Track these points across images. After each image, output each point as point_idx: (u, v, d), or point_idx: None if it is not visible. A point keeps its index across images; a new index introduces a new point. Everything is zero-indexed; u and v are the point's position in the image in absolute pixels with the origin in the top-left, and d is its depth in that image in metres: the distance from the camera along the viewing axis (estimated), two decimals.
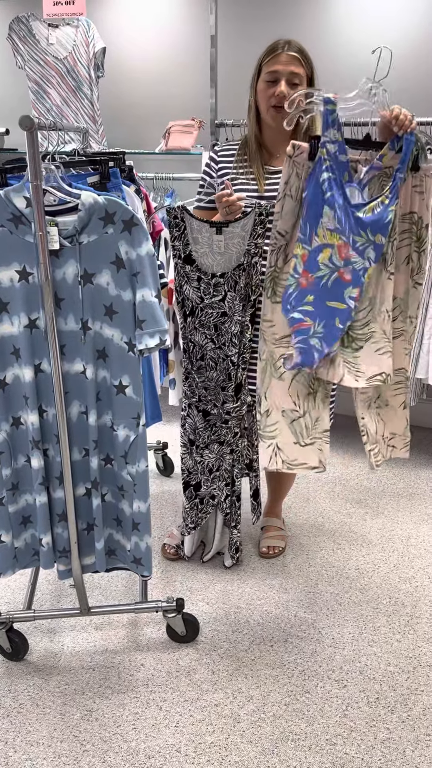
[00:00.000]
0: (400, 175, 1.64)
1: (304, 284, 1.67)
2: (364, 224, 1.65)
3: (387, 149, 1.66)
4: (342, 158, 1.64)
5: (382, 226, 1.64)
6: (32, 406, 1.65)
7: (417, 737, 1.66)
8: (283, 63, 1.87)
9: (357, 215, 1.65)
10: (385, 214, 1.64)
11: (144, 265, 1.56)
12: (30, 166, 1.42)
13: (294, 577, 2.27)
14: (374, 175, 1.67)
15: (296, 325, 1.71)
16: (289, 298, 1.70)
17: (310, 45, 3.05)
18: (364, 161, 1.68)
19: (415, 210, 1.72)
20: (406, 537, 2.50)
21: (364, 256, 1.66)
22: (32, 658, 1.92)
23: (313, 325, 1.69)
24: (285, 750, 1.63)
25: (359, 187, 1.67)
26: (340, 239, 1.64)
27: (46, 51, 3.31)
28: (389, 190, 1.65)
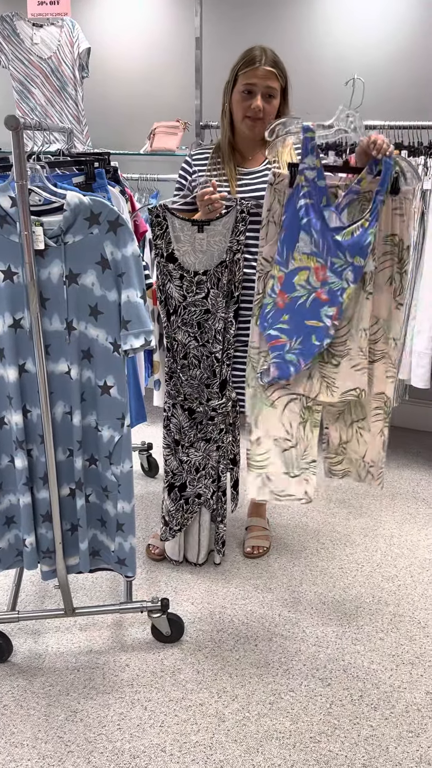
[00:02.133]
0: (380, 198, 1.69)
1: (281, 304, 1.75)
2: (342, 247, 1.71)
3: (365, 173, 1.70)
4: (320, 183, 1.69)
5: (361, 248, 1.70)
6: (16, 406, 1.64)
7: (400, 734, 1.68)
8: (260, 77, 1.92)
9: (335, 238, 1.71)
10: (365, 236, 1.70)
11: (129, 266, 1.57)
12: (15, 165, 1.42)
13: (278, 576, 2.28)
14: (353, 198, 1.73)
15: (272, 341, 1.79)
16: (267, 316, 1.79)
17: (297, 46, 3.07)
18: (344, 186, 1.73)
19: (396, 232, 1.77)
20: (389, 536, 2.53)
21: (342, 277, 1.72)
22: (16, 659, 1.91)
23: (290, 342, 1.77)
24: (269, 748, 1.64)
25: (337, 211, 1.72)
26: (317, 262, 1.71)
27: (30, 51, 3.30)
28: (369, 213, 1.70)
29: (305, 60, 3.20)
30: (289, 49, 3.19)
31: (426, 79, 3.06)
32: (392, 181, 1.69)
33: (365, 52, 3.12)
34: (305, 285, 1.73)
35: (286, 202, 1.70)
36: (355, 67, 3.14)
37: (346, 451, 1.99)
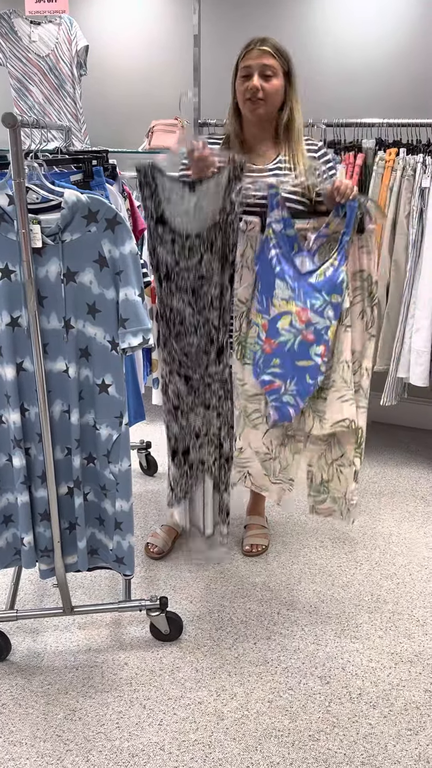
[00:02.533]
0: (346, 238, 1.80)
1: (269, 350, 1.83)
2: (317, 288, 1.81)
3: (332, 217, 1.81)
4: (290, 233, 1.80)
5: (335, 286, 1.80)
6: (14, 405, 1.64)
7: (398, 732, 1.68)
8: (254, 57, 1.91)
9: (310, 281, 1.82)
10: (336, 274, 1.80)
11: (127, 264, 1.56)
12: (13, 163, 1.42)
13: (277, 575, 2.28)
14: (323, 242, 1.83)
15: (267, 386, 1.86)
16: (258, 362, 1.86)
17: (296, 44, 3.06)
18: (312, 229, 1.83)
19: (364, 268, 1.86)
20: (388, 534, 2.53)
21: (324, 316, 1.82)
22: (15, 658, 1.91)
23: (284, 385, 1.85)
24: (268, 746, 1.64)
25: (309, 255, 1.83)
26: (297, 305, 1.79)
27: (28, 48, 3.29)
28: (337, 252, 1.81)
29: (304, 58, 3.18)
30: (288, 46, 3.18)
31: (424, 77, 3.05)
32: (357, 221, 1.80)
33: (364, 50, 3.12)
34: (290, 329, 1.82)
35: (258, 253, 1.80)
36: (354, 64, 3.13)
37: (329, 490, 2.07)
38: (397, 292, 2.76)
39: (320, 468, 2.05)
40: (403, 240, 2.69)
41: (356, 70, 3.14)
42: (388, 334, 2.81)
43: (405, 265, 2.71)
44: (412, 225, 2.65)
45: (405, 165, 2.63)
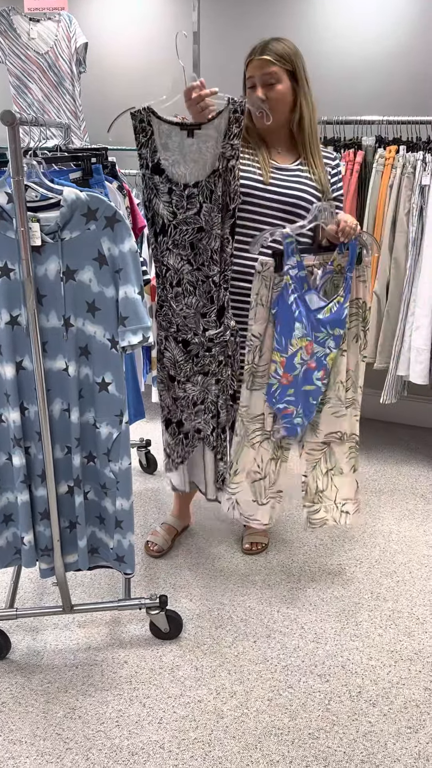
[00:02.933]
0: (350, 274, 1.91)
1: (285, 382, 1.94)
2: (323, 323, 1.93)
3: (336, 254, 1.91)
4: (302, 274, 1.88)
5: (340, 321, 1.93)
6: (14, 404, 1.64)
7: (398, 730, 1.68)
8: (256, 68, 1.90)
9: (318, 317, 1.92)
10: (341, 311, 1.92)
11: (127, 262, 1.56)
12: (11, 161, 1.41)
13: (277, 573, 2.28)
14: (328, 278, 1.94)
15: (282, 412, 1.98)
16: (274, 393, 1.97)
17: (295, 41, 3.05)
18: (319, 265, 1.92)
19: (360, 296, 1.97)
20: (388, 532, 2.53)
21: (325, 346, 1.96)
22: (14, 656, 1.91)
23: (295, 410, 1.99)
24: (268, 744, 1.64)
25: (317, 292, 1.92)
26: (306, 340, 1.90)
27: (27, 45, 3.28)
28: (343, 290, 1.92)
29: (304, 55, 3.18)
30: None
31: (424, 74, 3.05)
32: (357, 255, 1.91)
33: (364, 47, 3.11)
34: (301, 362, 1.94)
35: (277, 297, 1.86)
36: (354, 62, 3.13)
37: (323, 499, 2.15)
38: (397, 290, 2.75)
39: (315, 478, 2.13)
40: (403, 238, 2.68)
41: (356, 67, 3.13)
42: (388, 331, 2.80)
43: (405, 263, 2.71)
44: (412, 223, 2.65)
45: (405, 162, 2.62)
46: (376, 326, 2.82)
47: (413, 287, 2.70)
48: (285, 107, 1.93)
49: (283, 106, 1.92)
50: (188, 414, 2.10)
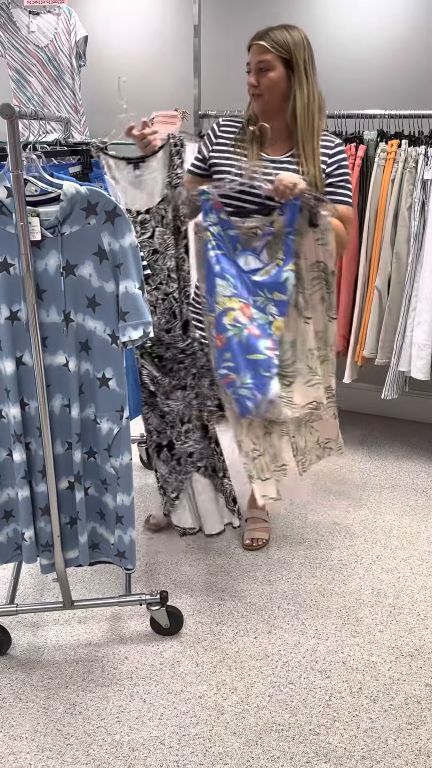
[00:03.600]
0: (291, 237, 1.85)
1: (219, 344, 1.89)
2: (261, 285, 1.88)
3: (276, 215, 1.86)
4: (231, 233, 1.86)
5: (278, 284, 1.86)
6: (14, 399, 1.63)
7: (399, 726, 1.68)
8: (253, 53, 1.91)
9: (253, 279, 1.88)
10: (280, 274, 1.86)
11: (127, 257, 1.55)
12: (10, 155, 1.40)
13: (277, 568, 2.28)
14: (269, 240, 1.88)
15: (224, 379, 1.91)
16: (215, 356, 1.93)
17: None
18: (262, 227, 1.87)
19: (321, 260, 1.91)
20: (389, 528, 2.52)
21: (266, 312, 1.88)
22: (15, 652, 1.91)
23: (238, 378, 1.88)
24: (268, 740, 1.64)
25: (255, 253, 1.89)
26: (240, 302, 1.85)
27: (26, 39, 3.26)
28: (283, 252, 1.87)
29: None
30: None
31: (427, 68, 3.03)
32: (308, 217, 1.84)
33: (366, 41, 3.09)
34: (235, 324, 1.85)
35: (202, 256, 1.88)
36: (356, 56, 3.11)
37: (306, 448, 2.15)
38: (398, 285, 2.74)
39: (302, 436, 2.11)
40: (404, 232, 2.67)
41: (358, 61, 3.11)
42: (390, 327, 2.79)
43: (407, 257, 2.69)
44: (413, 217, 2.63)
45: (407, 157, 2.61)
46: (377, 321, 2.81)
47: (415, 282, 2.69)
48: (276, 95, 1.91)
49: (274, 93, 1.91)
50: (177, 433, 2.13)
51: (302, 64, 1.89)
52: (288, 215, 1.82)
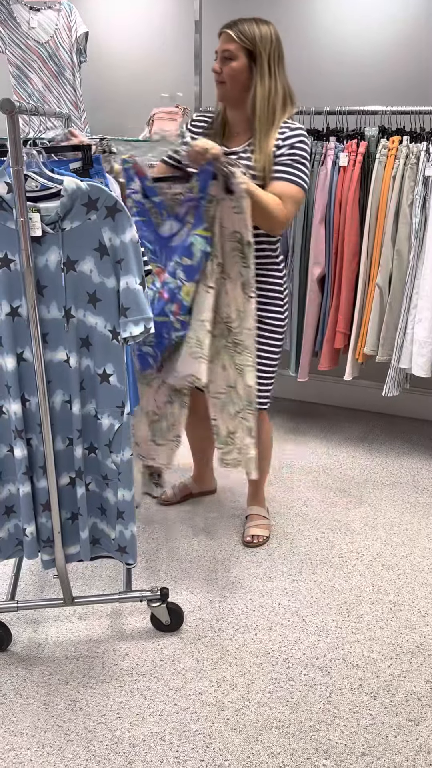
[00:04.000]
0: (203, 202, 1.88)
1: None
2: (174, 250, 1.93)
3: (194, 182, 1.87)
4: (156, 199, 1.90)
5: (185, 249, 1.90)
6: (14, 395, 1.63)
7: (399, 723, 1.68)
8: (220, 42, 1.97)
9: (169, 245, 1.93)
10: (187, 239, 1.89)
11: (128, 252, 1.55)
12: (11, 150, 1.40)
13: (278, 565, 2.28)
14: (190, 206, 1.91)
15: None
16: None
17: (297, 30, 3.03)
18: (184, 193, 1.90)
19: (237, 229, 1.91)
20: (389, 525, 2.52)
21: (176, 276, 1.92)
22: (16, 648, 1.91)
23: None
24: (269, 737, 1.64)
25: (177, 219, 1.92)
26: (157, 266, 1.91)
27: (27, 35, 3.25)
28: (193, 217, 1.90)
29: (306, 43, 3.16)
30: (290, 32, 3.15)
31: (427, 64, 3.02)
32: (224, 183, 1.85)
33: (367, 37, 3.08)
34: (152, 287, 1.93)
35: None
36: (357, 52, 3.10)
37: (234, 441, 2.14)
38: (399, 282, 2.74)
39: (224, 420, 2.11)
40: (405, 229, 2.67)
41: (360, 57, 3.10)
42: (391, 324, 2.79)
43: (408, 254, 2.69)
44: (414, 214, 2.63)
45: (408, 153, 2.60)
46: (378, 318, 2.81)
47: (416, 279, 2.69)
48: (237, 85, 1.96)
49: (235, 83, 1.96)
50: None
51: (266, 58, 1.93)
52: (201, 180, 1.85)
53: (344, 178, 2.72)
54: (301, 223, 2.85)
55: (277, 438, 3.23)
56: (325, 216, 2.80)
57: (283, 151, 1.96)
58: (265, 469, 2.44)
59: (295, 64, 3.18)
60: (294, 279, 2.94)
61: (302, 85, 3.19)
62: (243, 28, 1.92)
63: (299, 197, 1.97)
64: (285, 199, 1.93)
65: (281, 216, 1.93)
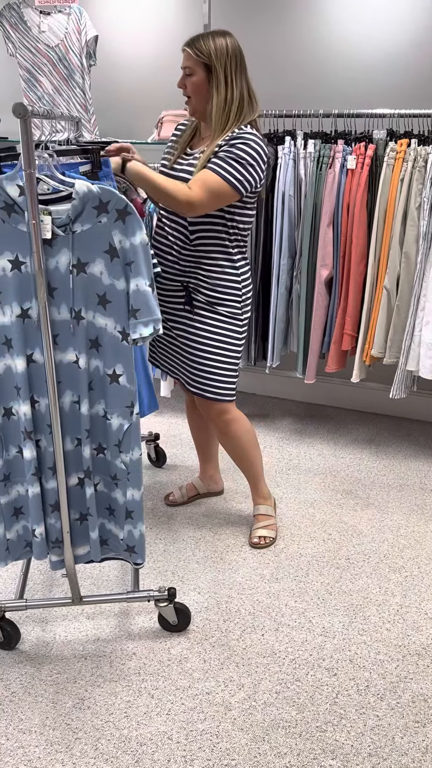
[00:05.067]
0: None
1: None
2: None
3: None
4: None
5: None
6: (24, 397, 1.65)
7: (406, 724, 1.68)
8: (183, 57, 2.05)
9: None
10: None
11: (138, 254, 1.56)
12: (23, 154, 1.41)
13: (285, 566, 2.29)
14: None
15: None
16: None
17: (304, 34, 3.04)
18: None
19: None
20: (396, 527, 2.52)
21: None
22: (24, 647, 1.92)
23: None
24: (276, 737, 1.64)
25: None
26: None
27: (37, 38, 3.28)
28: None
29: (314, 46, 3.17)
30: (299, 36, 3.16)
31: None
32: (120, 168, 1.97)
33: (375, 39, 3.09)
34: None
35: None
36: (365, 55, 3.11)
37: None
38: (407, 284, 2.74)
39: None
40: (413, 232, 2.67)
41: (367, 60, 3.11)
42: (398, 326, 2.79)
43: (415, 257, 2.69)
44: (422, 216, 2.63)
45: (416, 156, 2.60)
46: (386, 321, 2.81)
47: (423, 282, 2.69)
48: (200, 97, 2.06)
49: (197, 96, 2.05)
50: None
51: (221, 70, 2.00)
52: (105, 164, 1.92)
53: (352, 181, 2.73)
54: (308, 225, 2.86)
55: (284, 439, 3.24)
56: (332, 218, 2.81)
57: (223, 149, 2.01)
58: (253, 465, 2.41)
59: (303, 66, 3.19)
60: (301, 281, 2.95)
61: (310, 87, 3.21)
62: (199, 44, 2.00)
63: (215, 186, 1.96)
64: (196, 183, 1.97)
65: (179, 196, 1.94)
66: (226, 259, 2.14)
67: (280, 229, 2.89)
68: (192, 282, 2.15)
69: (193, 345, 2.19)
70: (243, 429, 2.33)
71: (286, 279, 2.98)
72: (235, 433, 2.31)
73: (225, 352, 2.19)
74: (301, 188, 2.86)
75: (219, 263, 2.13)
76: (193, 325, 2.19)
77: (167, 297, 2.22)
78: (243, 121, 2.04)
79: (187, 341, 2.20)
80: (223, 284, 2.15)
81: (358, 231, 2.75)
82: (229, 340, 2.19)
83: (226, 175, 1.97)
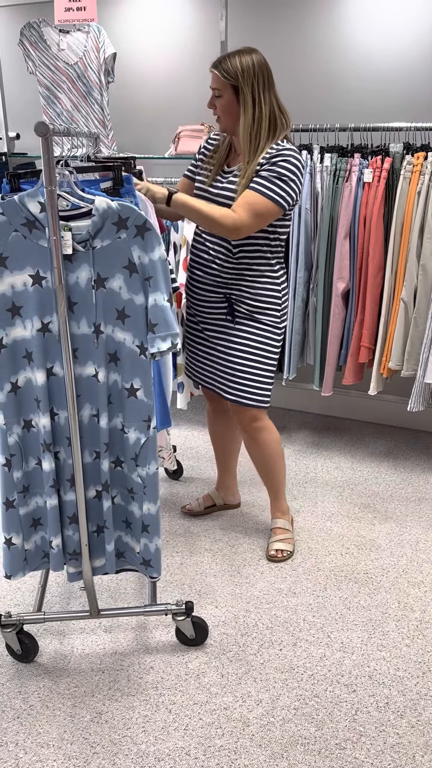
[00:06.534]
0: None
1: None
2: None
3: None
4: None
5: None
6: (44, 409, 1.66)
7: (427, 742, 1.66)
8: (211, 79, 2.07)
9: None
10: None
11: (156, 270, 1.58)
12: (45, 171, 1.44)
13: (302, 581, 2.27)
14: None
15: None
16: None
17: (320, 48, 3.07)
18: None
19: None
20: (415, 541, 2.50)
21: None
22: (42, 660, 1.93)
23: None
24: (294, 754, 1.63)
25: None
26: None
27: (56, 56, 3.33)
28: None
29: (330, 60, 3.19)
30: (315, 51, 3.18)
31: None
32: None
33: (391, 52, 3.10)
34: None
35: None
36: (382, 69, 3.12)
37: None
38: (424, 297, 2.73)
39: None
40: (430, 244, 2.67)
41: (384, 74, 3.13)
42: (416, 339, 2.78)
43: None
44: None
45: None
46: (403, 333, 2.81)
47: None
48: (230, 117, 2.07)
49: (226, 116, 2.07)
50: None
51: (249, 90, 2.01)
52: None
53: (369, 194, 2.73)
54: (325, 238, 2.87)
55: (301, 452, 3.23)
56: (349, 231, 2.81)
57: (265, 168, 2.02)
58: (277, 476, 2.42)
59: (320, 80, 3.21)
60: (318, 293, 2.95)
61: (327, 100, 3.22)
62: (226, 65, 2.01)
63: (261, 208, 1.98)
64: (241, 207, 1.98)
65: (226, 222, 1.97)
66: (267, 269, 2.17)
67: (297, 242, 2.90)
68: (234, 293, 2.18)
69: (232, 353, 2.22)
70: (272, 438, 2.34)
71: (302, 291, 2.98)
72: (264, 440, 2.32)
73: (262, 359, 2.22)
74: (317, 201, 2.87)
75: (262, 274, 2.16)
76: (233, 334, 2.21)
77: (208, 308, 2.24)
78: (277, 137, 2.05)
79: (227, 350, 2.23)
80: (265, 294, 2.17)
81: (375, 244, 2.75)
82: (267, 347, 2.21)
83: (272, 195, 1.99)
